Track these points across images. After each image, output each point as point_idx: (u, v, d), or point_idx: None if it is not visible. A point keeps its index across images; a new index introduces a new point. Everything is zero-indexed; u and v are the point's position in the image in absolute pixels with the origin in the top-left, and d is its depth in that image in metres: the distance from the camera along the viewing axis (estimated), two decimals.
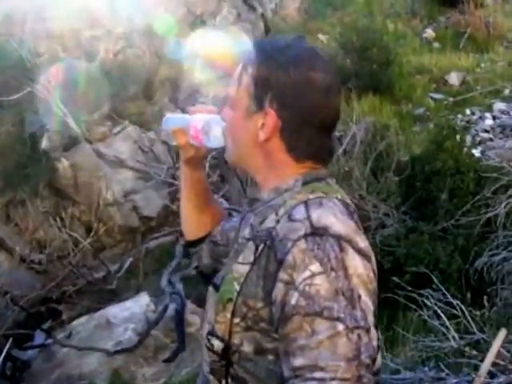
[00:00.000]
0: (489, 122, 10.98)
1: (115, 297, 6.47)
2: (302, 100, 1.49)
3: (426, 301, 3.91)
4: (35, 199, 7.43)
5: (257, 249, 1.46)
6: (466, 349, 3.52)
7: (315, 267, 1.32)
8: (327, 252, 1.33)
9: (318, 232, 1.36)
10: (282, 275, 1.35)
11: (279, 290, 1.35)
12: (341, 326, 1.28)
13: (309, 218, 1.39)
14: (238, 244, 1.58)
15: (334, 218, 1.40)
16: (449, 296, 3.77)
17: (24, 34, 8.16)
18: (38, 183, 7.47)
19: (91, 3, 8.94)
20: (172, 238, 7.06)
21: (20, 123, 7.96)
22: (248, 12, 11.82)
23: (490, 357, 3.07)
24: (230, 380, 1.49)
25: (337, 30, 13.16)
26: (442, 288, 4.03)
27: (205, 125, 1.74)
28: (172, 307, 5.85)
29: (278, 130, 1.51)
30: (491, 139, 10.55)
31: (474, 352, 3.48)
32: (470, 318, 3.69)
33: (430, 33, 13.77)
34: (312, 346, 1.28)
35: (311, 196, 1.47)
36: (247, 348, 1.44)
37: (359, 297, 1.32)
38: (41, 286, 6.47)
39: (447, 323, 3.62)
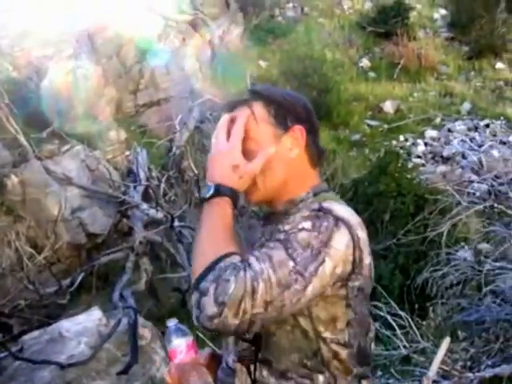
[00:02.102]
0: (421, 148, 11.53)
1: (66, 311, 6.55)
2: (309, 114, 1.81)
3: (375, 312, 4.20)
4: None
5: None
6: (414, 356, 3.82)
7: (307, 225, 1.58)
8: (322, 222, 1.59)
9: (323, 210, 1.62)
10: (280, 227, 1.62)
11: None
12: (291, 263, 1.52)
13: (320, 204, 1.66)
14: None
15: (343, 209, 1.67)
16: (397, 308, 4.08)
17: None
18: None
19: (43, 23, 9.04)
20: (122, 254, 7.20)
21: None
22: (193, 37, 12.10)
23: (437, 361, 3.37)
24: (257, 364, 1.68)
25: (277, 57, 13.60)
26: (391, 301, 4.35)
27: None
28: (124, 321, 5.98)
29: (304, 144, 1.77)
30: (423, 165, 11.09)
31: (421, 359, 3.78)
32: (415, 329, 4.00)
33: (365, 62, 14.35)
34: (263, 258, 1.53)
35: (322, 202, 1.70)
36: (272, 327, 1.63)
37: (323, 262, 1.55)
38: None
39: (398, 332, 3.91)
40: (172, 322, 1.87)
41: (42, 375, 5.79)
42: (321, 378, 1.64)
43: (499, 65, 14.25)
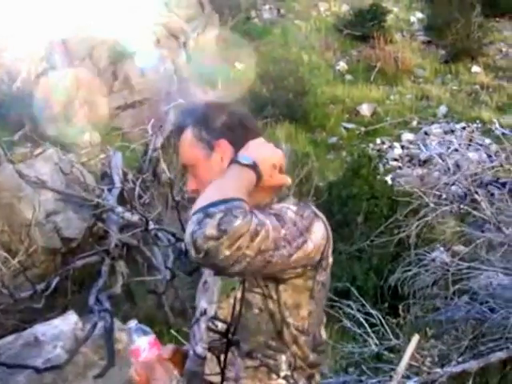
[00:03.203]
0: (398, 151, 11.59)
1: (41, 316, 6.48)
2: (240, 122, 1.94)
3: (348, 312, 4.23)
4: None
5: None
6: (385, 353, 3.86)
7: (292, 207, 1.79)
8: (304, 209, 1.80)
9: (302, 202, 1.87)
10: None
11: None
12: (282, 231, 1.66)
13: (282, 205, 1.83)
14: None
15: (302, 209, 1.83)
16: (368, 307, 4.11)
17: None
18: None
19: (14, 24, 8.98)
20: (97, 257, 7.14)
21: None
22: (167, 39, 12.06)
23: (406, 357, 3.41)
24: (228, 354, 1.82)
25: (253, 59, 13.59)
26: (363, 300, 4.38)
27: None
28: (100, 325, 5.95)
29: (232, 154, 1.88)
30: (400, 167, 11.15)
31: (392, 355, 3.82)
32: (387, 327, 4.04)
33: (342, 65, 14.41)
34: (265, 216, 1.66)
35: (285, 204, 1.86)
36: (243, 310, 1.80)
37: (305, 241, 1.72)
38: None
39: (369, 330, 3.95)
40: (132, 323, 1.96)
41: (18, 380, 5.74)
42: (283, 357, 1.81)
43: (475, 68, 14.38)
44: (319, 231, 1.78)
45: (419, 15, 16.37)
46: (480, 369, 4.51)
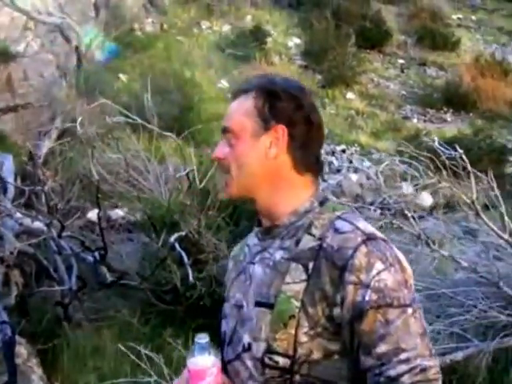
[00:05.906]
0: None
1: None
2: (309, 118, 1.68)
3: None
4: None
5: (306, 267, 1.57)
6: None
7: (378, 266, 1.53)
8: (383, 251, 1.56)
9: (371, 237, 1.57)
10: (350, 278, 1.52)
11: (349, 290, 1.52)
12: (409, 310, 1.52)
13: (357, 228, 1.59)
14: (276, 263, 1.65)
15: (365, 223, 1.64)
16: None
17: None
18: None
19: None
20: None
21: None
22: (52, 43, 11.63)
23: None
24: None
25: (137, 71, 13.34)
26: None
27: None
28: None
29: (286, 146, 1.66)
30: None
31: None
32: None
33: (224, 83, 14.48)
34: (391, 333, 1.49)
35: (337, 213, 1.65)
36: (316, 355, 1.56)
37: (411, 284, 1.57)
38: None
39: None
40: (204, 339, 1.66)
41: None
42: None
43: (350, 95, 15.00)
44: (401, 255, 1.61)
45: (296, 40, 16.84)
46: None
